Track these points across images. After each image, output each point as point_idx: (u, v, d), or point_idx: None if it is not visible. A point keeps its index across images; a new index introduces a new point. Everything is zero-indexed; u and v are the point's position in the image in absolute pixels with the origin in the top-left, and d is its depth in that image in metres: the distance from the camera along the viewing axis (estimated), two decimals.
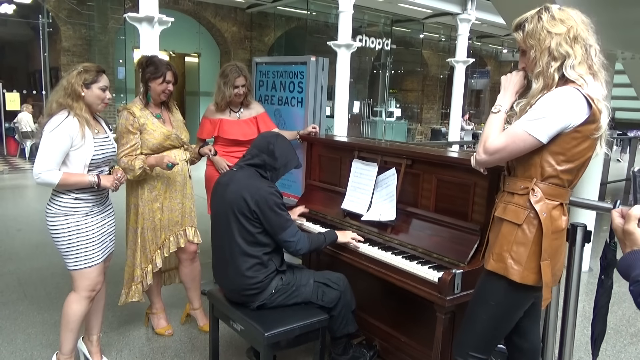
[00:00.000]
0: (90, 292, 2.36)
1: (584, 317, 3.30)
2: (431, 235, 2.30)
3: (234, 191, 2.24)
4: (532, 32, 1.60)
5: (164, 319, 3.00)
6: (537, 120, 1.55)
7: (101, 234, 2.38)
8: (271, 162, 2.32)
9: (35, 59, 10.83)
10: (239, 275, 2.23)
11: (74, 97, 2.24)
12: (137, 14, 6.89)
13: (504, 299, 1.71)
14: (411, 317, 2.50)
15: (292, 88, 3.39)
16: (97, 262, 2.35)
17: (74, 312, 2.37)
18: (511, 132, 1.60)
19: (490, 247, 1.75)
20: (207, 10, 12.87)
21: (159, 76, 2.66)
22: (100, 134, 2.35)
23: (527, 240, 1.63)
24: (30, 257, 4.34)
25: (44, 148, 2.17)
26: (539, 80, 1.61)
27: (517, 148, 1.59)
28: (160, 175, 2.72)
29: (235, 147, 3.17)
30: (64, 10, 10.62)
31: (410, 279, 2.13)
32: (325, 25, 13.73)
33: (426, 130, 17.05)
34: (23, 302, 3.41)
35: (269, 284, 2.25)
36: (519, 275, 1.64)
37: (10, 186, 8.08)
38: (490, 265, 1.71)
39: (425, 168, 2.42)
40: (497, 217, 1.74)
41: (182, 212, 2.80)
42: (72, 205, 2.26)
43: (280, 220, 2.22)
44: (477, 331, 1.77)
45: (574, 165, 1.61)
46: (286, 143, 2.41)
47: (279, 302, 2.27)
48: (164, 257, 2.78)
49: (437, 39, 17.68)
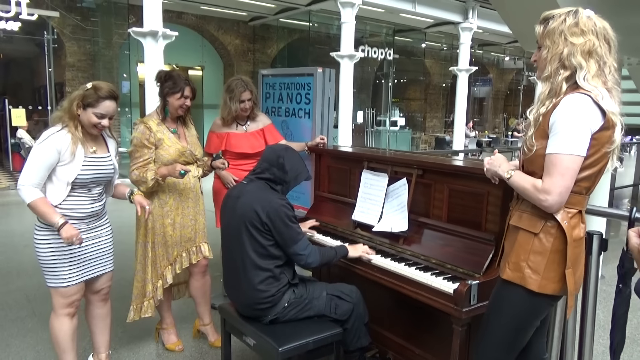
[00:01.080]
0: (66, 309, 2.31)
1: (598, 325, 3.25)
2: (444, 246, 2.28)
3: (245, 204, 2.22)
4: (551, 32, 1.58)
5: (175, 335, 2.97)
6: (570, 137, 1.52)
7: (87, 252, 2.31)
8: (281, 175, 2.31)
9: (41, 74, 10.90)
10: (251, 288, 2.21)
11: (70, 115, 2.20)
12: (142, 29, 6.94)
13: (521, 308, 1.68)
14: (425, 329, 2.47)
15: (299, 99, 3.39)
16: (73, 282, 2.28)
17: (57, 331, 2.33)
18: (555, 164, 1.54)
19: (506, 256, 1.73)
20: (210, 24, 12.98)
21: (177, 91, 2.66)
22: (98, 154, 2.29)
23: (544, 249, 1.61)
24: (38, 273, 4.27)
25: (31, 160, 2.15)
26: (545, 84, 1.60)
27: (574, 172, 1.54)
28: (172, 191, 2.71)
29: (243, 160, 3.17)
30: (69, 26, 10.72)
31: (424, 290, 2.10)
32: (327, 36, 13.81)
33: (430, 139, 17.05)
34: (32, 319, 3.39)
35: (282, 298, 2.23)
36: (537, 284, 1.62)
37: (17, 202, 8.09)
38: (507, 275, 1.68)
39: (437, 178, 2.40)
40: (512, 226, 1.72)
41: (194, 228, 2.78)
42: None
43: (292, 233, 2.20)
44: (495, 343, 1.74)
45: (592, 172, 1.59)
46: (296, 155, 2.40)
47: (291, 316, 2.25)
48: (175, 273, 2.76)
49: (439, 47, 17.76)
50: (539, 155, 1.60)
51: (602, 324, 3.15)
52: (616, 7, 3.45)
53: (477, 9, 12.28)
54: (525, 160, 1.67)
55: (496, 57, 19.90)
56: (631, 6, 3.52)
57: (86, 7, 11.19)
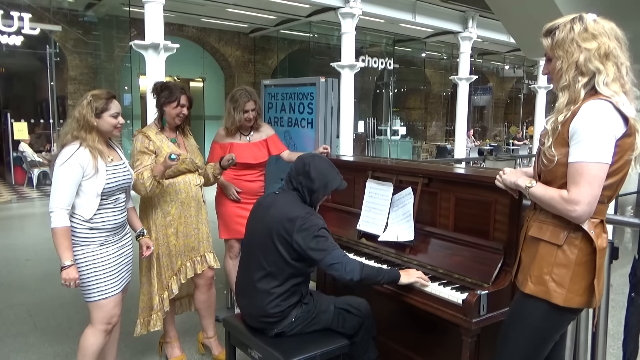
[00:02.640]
0: (107, 324, 2.31)
1: (607, 334, 3.20)
2: (452, 255, 2.24)
3: (274, 215, 2.17)
4: (562, 42, 1.55)
5: (178, 348, 2.93)
6: (595, 145, 1.47)
7: (118, 264, 2.33)
8: (308, 184, 2.21)
9: (43, 88, 10.95)
10: (263, 300, 2.15)
11: (87, 128, 2.22)
12: (143, 42, 6.99)
13: (544, 322, 1.63)
14: (433, 341, 2.43)
15: (302, 109, 3.38)
16: (112, 293, 2.30)
17: (90, 346, 2.31)
18: (582, 173, 1.49)
19: (526, 268, 1.66)
20: (211, 36, 13.06)
21: (173, 100, 2.67)
22: (115, 162, 2.33)
23: (569, 261, 1.56)
24: (40, 287, 4.29)
25: (58, 182, 2.15)
26: (564, 94, 1.56)
27: (601, 180, 1.50)
28: (174, 200, 2.69)
29: (246, 170, 3.15)
30: (71, 40, 10.79)
31: (432, 301, 2.07)
32: (327, 47, 13.88)
33: (431, 147, 17.05)
34: (34, 333, 3.35)
35: (290, 312, 2.18)
36: (563, 299, 1.56)
37: (19, 215, 8.09)
38: (529, 289, 1.62)
39: (443, 186, 2.38)
40: (531, 237, 1.66)
41: (198, 237, 2.76)
42: (87, 235, 2.23)
43: (325, 244, 2.09)
44: (516, 357, 1.68)
45: (615, 180, 1.54)
46: (324, 163, 2.28)
47: (297, 331, 2.20)
48: (180, 284, 2.73)
49: (439, 57, 17.84)
50: (559, 164, 1.56)
51: (612, 333, 3.10)
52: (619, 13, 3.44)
53: (476, 19, 12.35)
54: (544, 170, 1.63)
55: (496, 65, 19.97)
56: (634, 12, 3.52)
57: (88, 21, 11.28)
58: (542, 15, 3.85)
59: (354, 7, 9.46)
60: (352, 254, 2.51)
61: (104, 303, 2.28)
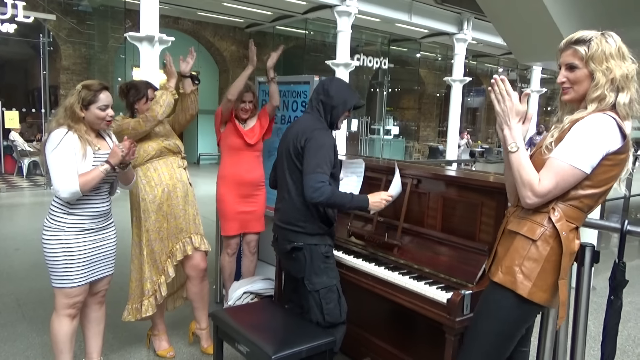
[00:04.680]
0: (68, 310, 2.32)
1: (589, 336, 3.26)
2: (438, 255, 2.29)
3: (293, 132, 2.31)
4: (600, 56, 1.57)
5: (166, 341, 2.95)
6: (580, 151, 1.54)
7: (93, 255, 2.33)
8: (328, 101, 2.32)
9: (35, 77, 10.86)
10: (292, 211, 2.29)
11: (74, 119, 2.23)
12: (138, 34, 6.95)
13: (509, 313, 1.69)
14: (418, 338, 2.47)
15: (295, 107, 3.40)
16: (79, 283, 2.30)
17: (56, 332, 2.34)
18: (557, 169, 1.56)
19: (499, 259, 1.73)
20: (207, 30, 13.01)
21: (142, 97, 2.72)
22: (102, 151, 2.32)
23: (540, 257, 1.62)
24: (29, 277, 4.29)
25: (56, 166, 2.16)
26: (593, 105, 1.60)
27: (568, 184, 1.57)
28: (159, 184, 2.70)
29: (245, 150, 3.16)
30: (65, 29, 10.71)
31: (418, 299, 2.11)
32: (323, 44, 13.88)
33: (424, 148, 17.13)
34: (22, 323, 3.35)
35: (313, 235, 2.27)
36: (527, 291, 1.62)
37: (8, 205, 8.03)
38: (498, 278, 1.69)
39: (432, 187, 2.42)
40: (508, 231, 1.72)
41: (185, 218, 2.77)
42: (65, 220, 2.24)
43: (314, 162, 2.16)
44: (481, 349, 1.74)
45: (598, 191, 1.61)
46: (343, 83, 2.43)
47: (307, 259, 2.26)
48: (174, 265, 2.75)
49: (433, 58, 17.91)
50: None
51: (593, 335, 3.18)
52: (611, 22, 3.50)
53: (471, 21, 12.41)
54: (535, 157, 1.67)
55: (490, 68, 20.07)
56: (625, 20, 3.58)
57: (82, 11, 11.20)
58: (534, 19, 3.90)
59: (350, 6, 9.48)
60: (342, 252, 2.54)
61: (69, 291, 2.29)
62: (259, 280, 3.20)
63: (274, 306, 2.60)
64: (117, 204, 2.60)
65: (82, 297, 2.36)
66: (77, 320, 2.39)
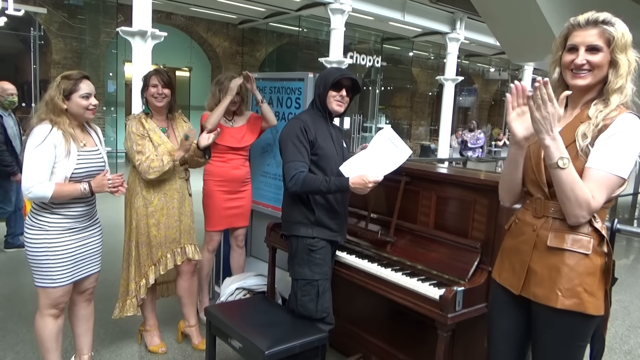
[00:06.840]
0: (51, 310, 2.28)
1: None
2: (431, 252, 2.30)
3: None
4: (624, 46, 1.47)
5: (158, 337, 2.95)
6: (624, 160, 1.46)
7: (76, 254, 2.28)
8: (315, 90, 2.39)
9: (25, 71, 10.73)
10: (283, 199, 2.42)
11: (56, 111, 2.16)
12: (130, 28, 6.91)
13: (583, 334, 1.57)
14: (409, 335, 2.49)
15: (289, 104, 3.40)
16: (63, 283, 2.25)
17: (41, 332, 2.31)
18: (606, 182, 1.46)
19: (543, 280, 1.55)
20: (199, 26, 12.95)
21: (147, 84, 2.71)
22: (88, 147, 2.27)
23: (595, 269, 1.51)
24: (18, 272, 4.25)
25: (31, 162, 2.09)
26: (615, 97, 1.49)
27: (614, 193, 1.50)
28: (157, 192, 2.69)
29: (231, 154, 3.12)
30: (56, 23, 10.59)
31: (411, 296, 2.12)
32: (316, 42, 13.88)
33: (415, 146, 17.19)
34: (11, 319, 3.32)
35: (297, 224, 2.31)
36: (594, 307, 1.51)
37: None
38: (562, 303, 1.50)
39: (425, 185, 2.44)
40: (550, 247, 1.54)
41: (179, 229, 2.76)
42: (48, 220, 2.18)
43: (287, 153, 2.24)
44: None
45: (622, 189, 1.54)
46: (326, 69, 2.51)
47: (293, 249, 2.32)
48: (158, 274, 2.74)
49: (426, 57, 17.96)
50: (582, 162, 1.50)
51: None
52: None
53: (464, 20, 12.48)
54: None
55: (482, 67, 20.20)
56: None
57: (74, 5, 11.07)
58: (528, 22, 3.92)
59: (344, 4, 9.50)
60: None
61: (52, 291, 2.24)
62: (251, 276, 3.20)
63: (267, 302, 2.61)
64: (114, 198, 2.57)
65: (66, 298, 2.32)
66: (62, 319, 2.35)
